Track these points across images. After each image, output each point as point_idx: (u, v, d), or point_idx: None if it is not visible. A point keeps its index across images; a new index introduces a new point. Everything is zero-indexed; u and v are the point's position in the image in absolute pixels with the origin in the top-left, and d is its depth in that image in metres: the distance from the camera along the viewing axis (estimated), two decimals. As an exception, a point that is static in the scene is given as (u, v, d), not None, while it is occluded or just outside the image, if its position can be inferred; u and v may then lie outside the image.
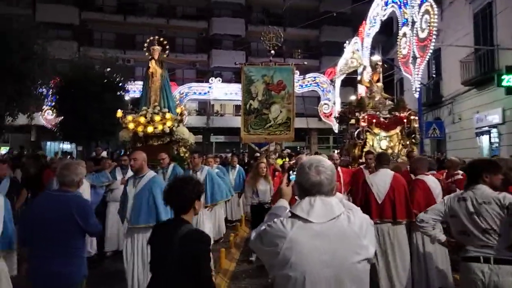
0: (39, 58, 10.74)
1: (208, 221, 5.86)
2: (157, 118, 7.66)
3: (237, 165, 8.85)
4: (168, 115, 7.73)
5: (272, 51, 9.47)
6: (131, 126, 7.74)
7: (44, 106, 16.64)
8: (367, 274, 1.72)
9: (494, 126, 13.03)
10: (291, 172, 2.12)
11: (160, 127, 7.53)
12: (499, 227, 2.73)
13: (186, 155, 7.89)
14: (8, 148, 20.60)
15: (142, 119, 7.70)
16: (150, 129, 7.54)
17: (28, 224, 3.03)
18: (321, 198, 1.74)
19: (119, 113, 8.14)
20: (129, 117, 7.90)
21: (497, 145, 13.05)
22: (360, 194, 5.74)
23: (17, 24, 10.33)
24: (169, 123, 7.59)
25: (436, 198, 4.54)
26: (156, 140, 7.97)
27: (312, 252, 1.63)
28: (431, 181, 4.82)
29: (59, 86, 13.92)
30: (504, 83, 10.63)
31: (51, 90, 13.74)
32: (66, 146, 26.72)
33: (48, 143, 27.13)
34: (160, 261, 2.30)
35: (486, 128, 13.58)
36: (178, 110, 8.18)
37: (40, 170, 8.19)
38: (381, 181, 4.64)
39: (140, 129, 7.59)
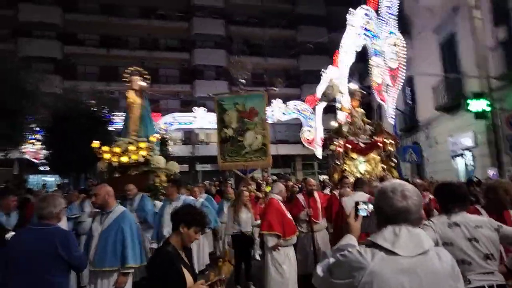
0: (31, 96, 10.95)
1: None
2: (132, 148, 7.72)
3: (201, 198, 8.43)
4: (142, 145, 7.80)
5: (243, 80, 9.74)
6: (106, 156, 7.79)
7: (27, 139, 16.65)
8: None
9: (468, 149, 13.43)
10: (359, 204, 1.88)
11: (134, 157, 7.59)
12: (495, 251, 2.57)
13: (163, 184, 7.91)
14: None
15: (117, 149, 7.77)
16: (124, 159, 7.59)
17: (9, 261, 2.81)
18: (407, 228, 1.53)
19: (95, 144, 8.19)
20: (105, 148, 7.94)
21: (472, 167, 13.40)
22: (335, 218, 5.91)
23: (11, 64, 10.51)
24: (143, 152, 7.65)
25: None
26: (133, 170, 8.01)
27: None
28: None
29: (48, 120, 14.01)
30: (471, 108, 11.05)
31: (39, 124, 13.83)
32: (50, 179, 26.37)
33: (31, 176, 26.69)
34: None
35: (460, 151, 13.97)
36: (153, 139, 8.25)
37: (22, 204, 8.02)
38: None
39: (115, 159, 7.64)
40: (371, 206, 1.81)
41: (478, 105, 10.89)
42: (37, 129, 13.72)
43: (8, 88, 9.74)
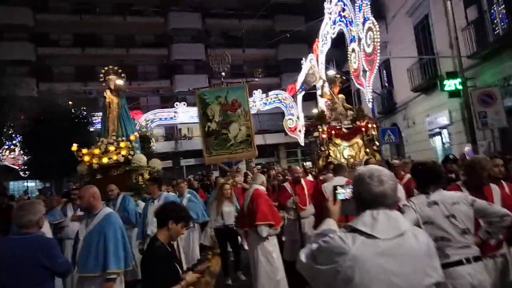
0: (8, 101, 10.71)
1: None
2: (112, 148, 7.69)
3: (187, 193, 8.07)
4: (122, 144, 7.76)
5: (223, 73, 9.72)
6: (86, 158, 7.74)
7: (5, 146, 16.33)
8: None
9: (444, 127, 13.79)
10: (337, 188, 1.94)
11: (114, 157, 7.56)
12: (471, 226, 2.71)
13: (146, 182, 7.88)
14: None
15: (96, 151, 7.71)
16: (105, 159, 7.56)
17: None
18: (384, 212, 1.59)
19: (74, 147, 8.11)
20: (84, 150, 7.88)
21: (448, 144, 13.78)
22: (316, 203, 6.03)
23: None
24: (123, 152, 7.62)
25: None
26: (114, 170, 7.96)
27: (379, 273, 1.48)
28: None
29: (26, 124, 13.74)
30: (446, 88, 11.32)
31: (17, 130, 13.58)
32: (31, 184, 25.94)
33: (12, 182, 26.20)
34: None
35: (437, 130, 14.35)
36: (132, 137, 8.22)
37: (5, 211, 7.85)
38: None
39: (95, 161, 7.60)
40: (349, 190, 1.85)
41: (451, 84, 11.15)
42: (15, 135, 13.44)
43: None
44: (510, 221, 2.76)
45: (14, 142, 13.97)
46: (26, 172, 23.23)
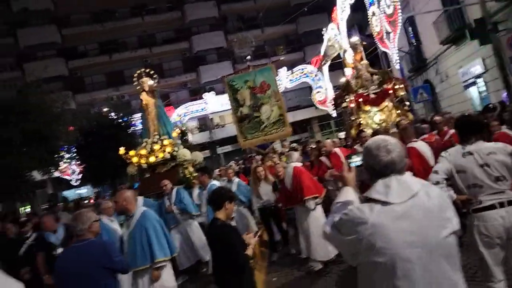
0: (60, 119, 11.61)
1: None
2: (157, 146, 8.20)
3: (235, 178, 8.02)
4: (166, 142, 8.25)
5: (248, 57, 9.71)
6: (135, 160, 8.31)
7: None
8: (456, 247, 1.66)
9: (479, 76, 13.36)
10: (351, 157, 2.03)
11: (161, 155, 8.06)
12: (506, 173, 2.85)
13: (193, 174, 8.36)
14: (29, 206, 21.36)
15: (143, 151, 8.25)
16: (152, 158, 8.09)
17: (57, 282, 3.05)
18: (396, 178, 1.69)
19: (122, 150, 8.71)
20: (131, 152, 8.46)
21: (485, 93, 13.37)
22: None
23: (35, 97, 11.09)
24: (168, 149, 8.12)
25: (428, 161, 4.83)
26: (161, 167, 8.50)
27: (398, 235, 1.58)
28: (421, 146, 5.13)
29: (77, 137, 14.73)
30: (475, 36, 10.94)
31: (70, 143, 14.57)
32: (83, 191, 27.70)
33: (65, 192, 28.05)
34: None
35: (472, 80, 13.91)
36: (174, 134, 8.67)
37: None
38: None
39: (143, 161, 8.15)
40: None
41: (481, 30, 10.76)
42: (68, 147, 14.47)
43: (40, 115, 10.34)
44: None
45: (70, 155, 15.00)
46: (78, 180, 24.96)
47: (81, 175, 18.50)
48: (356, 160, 2.01)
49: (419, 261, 1.56)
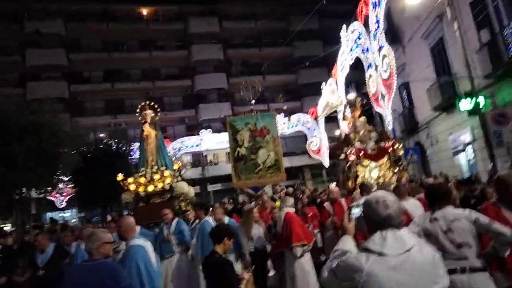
0: (66, 144, 11.85)
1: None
2: (157, 176, 8.41)
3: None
4: (166, 173, 8.48)
5: (253, 101, 10.10)
6: (132, 187, 8.48)
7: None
8: None
9: (468, 144, 14.01)
10: (352, 209, 2.17)
11: (160, 185, 8.26)
12: (470, 240, 3.00)
13: (187, 208, 8.49)
14: (9, 225, 20.81)
15: (142, 180, 8.45)
16: (150, 187, 8.27)
17: None
18: (392, 231, 1.81)
19: (120, 176, 8.89)
20: (130, 179, 8.64)
21: (473, 161, 13.96)
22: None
23: (48, 115, 11.39)
24: (168, 180, 8.33)
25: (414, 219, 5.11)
26: (157, 198, 8.65)
27: (391, 285, 1.68)
28: (412, 204, 5.26)
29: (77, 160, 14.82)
30: (463, 108, 11.67)
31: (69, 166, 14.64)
32: (67, 214, 27.18)
33: (48, 213, 27.48)
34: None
35: (461, 147, 14.56)
36: (176, 167, 8.93)
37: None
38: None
39: (141, 189, 8.32)
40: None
41: (469, 103, 11.53)
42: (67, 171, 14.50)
43: (50, 135, 10.55)
44: (508, 240, 2.96)
45: (66, 178, 14.92)
46: (62, 203, 24.60)
47: (68, 198, 18.36)
48: (356, 212, 2.19)
49: None
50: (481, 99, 11.30)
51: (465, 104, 11.41)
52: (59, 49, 28.82)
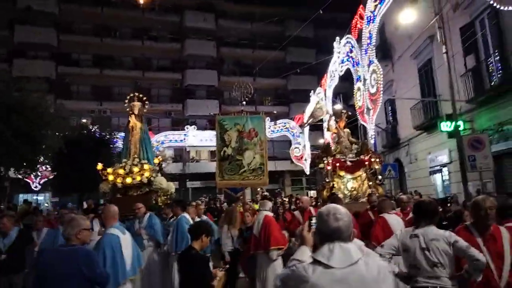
0: (51, 126, 11.61)
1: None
2: (136, 169, 8.37)
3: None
4: (146, 166, 8.44)
5: (244, 102, 10.13)
6: (110, 178, 8.42)
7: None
8: None
9: (444, 165, 14.40)
10: (312, 219, 2.15)
11: (138, 178, 8.22)
12: (445, 261, 3.11)
13: (167, 202, 8.43)
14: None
15: (121, 171, 8.39)
16: (128, 180, 8.23)
17: (37, 282, 3.04)
18: (339, 244, 1.83)
19: (100, 166, 8.81)
20: (109, 170, 8.58)
21: (448, 182, 14.36)
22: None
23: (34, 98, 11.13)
24: (147, 174, 8.30)
25: (394, 233, 5.20)
26: (135, 190, 8.57)
27: None
28: (393, 219, 5.45)
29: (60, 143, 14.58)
30: (444, 129, 12.04)
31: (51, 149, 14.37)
32: (40, 197, 26.68)
33: (21, 195, 26.93)
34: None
35: (438, 167, 14.95)
36: (156, 161, 8.90)
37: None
38: None
39: (119, 180, 8.27)
40: None
41: (450, 125, 11.90)
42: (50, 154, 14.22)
43: (30, 115, 10.34)
44: (481, 266, 3.06)
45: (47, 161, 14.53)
46: (38, 186, 24.10)
47: (43, 181, 17.96)
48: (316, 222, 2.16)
49: None
50: (460, 123, 11.68)
51: (446, 126, 11.76)
52: (50, 29, 28.25)
